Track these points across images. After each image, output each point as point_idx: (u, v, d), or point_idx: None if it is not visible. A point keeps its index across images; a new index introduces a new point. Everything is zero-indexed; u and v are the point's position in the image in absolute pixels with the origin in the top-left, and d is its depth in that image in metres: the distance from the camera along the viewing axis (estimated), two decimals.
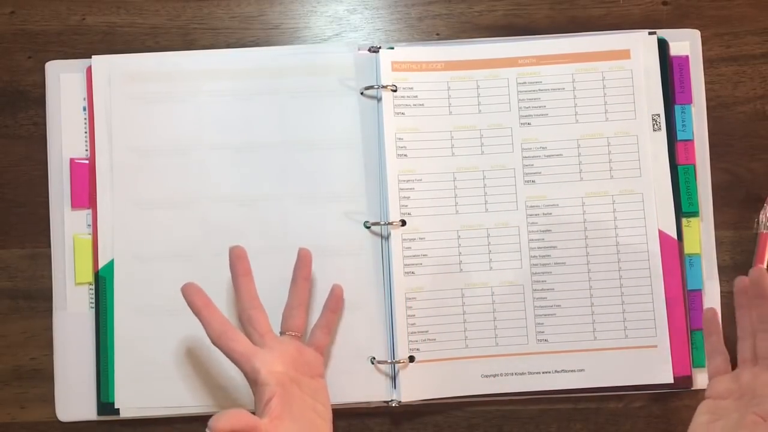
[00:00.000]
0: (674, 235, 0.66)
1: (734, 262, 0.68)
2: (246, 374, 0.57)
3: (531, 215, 0.67)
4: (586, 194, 0.67)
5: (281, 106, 0.67)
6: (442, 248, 0.66)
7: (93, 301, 0.66)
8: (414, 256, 0.65)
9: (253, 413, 0.54)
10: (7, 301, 0.67)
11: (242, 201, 0.66)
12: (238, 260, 0.60)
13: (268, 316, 0.60)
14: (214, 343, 0.57)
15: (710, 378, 0.58)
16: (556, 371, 0.65)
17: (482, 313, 0.66)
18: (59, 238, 0.67)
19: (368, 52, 0.68)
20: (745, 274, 0.67)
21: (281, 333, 0.61)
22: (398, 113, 0.66)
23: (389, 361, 0.65)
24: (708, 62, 0.68)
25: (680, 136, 0.67)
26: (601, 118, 0.67)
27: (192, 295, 0.58)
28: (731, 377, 0.56)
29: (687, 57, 0.68)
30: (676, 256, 0.66)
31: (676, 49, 0.68)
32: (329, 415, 0.59)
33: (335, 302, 0.63)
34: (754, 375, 0.54)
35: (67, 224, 0.67)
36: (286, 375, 0.57)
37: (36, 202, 0.68)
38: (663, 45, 0.68)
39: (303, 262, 0.62)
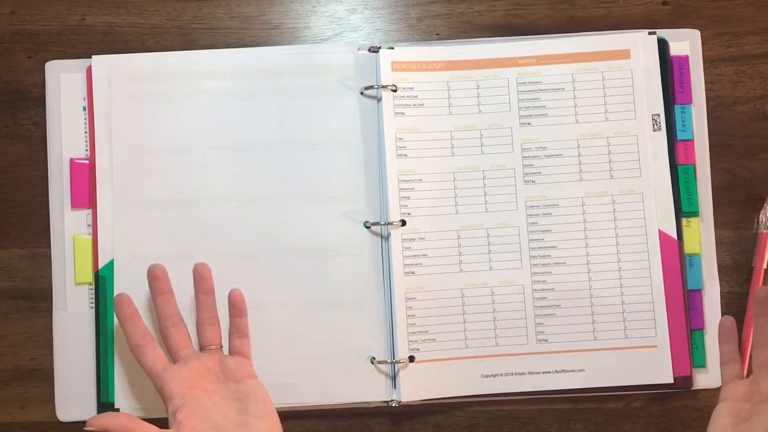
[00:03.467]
0: (674, 235, 0.66)
1: (734, 262, 0.68)
2: (156, 389, 0.59)
3: (531, 215, 0.67)
4: (586, 194, 0.67)
5: (281, 106, 0.67)
6: (442, 248, 0.66)
7: (93, 301, 0.66)
8: (414, 256, 0.65)
9: None
10: (7, 301, 0.67)
11: (242, 201, 0.66)
12: (155, 280, 0.61)
13: (187, 331, 0.62)
14: (132, 354, 0.60)
15: (725, 383, 0.58)
16: (556, 371, 0.65)
17: (482, 313, 0.66)
18: (59, 238, 0.67)
19: (368, 52, 0.68)
20: (746, 274, 0.67)
21: (200, 349, 0.62)
22: (398, 113, 0.66)
23: (389, 361, 0.65)
24: (708, 62, 0.68)
25: (680, 136, 0.67)
26: (601, 118, 0.67)
27: (120, 305, 0.61)
28: (749, 382, 0.57)
29: (687, 57, 0.68)
30: (676, 256, 0.66)
31: (676, 49, 0.68)
32: (268, 411, 0.59)
33: (236, 309, 0.62)
34: None
35: (67, 224, 0.67)
36: (198, 388, 0.59)
37: (36, 202, 0.68)
38: (663, 45, 0.68)
39: (202, 278, 0.62)
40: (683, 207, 0.67)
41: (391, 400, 0.65)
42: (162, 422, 0.66)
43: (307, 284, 0.66)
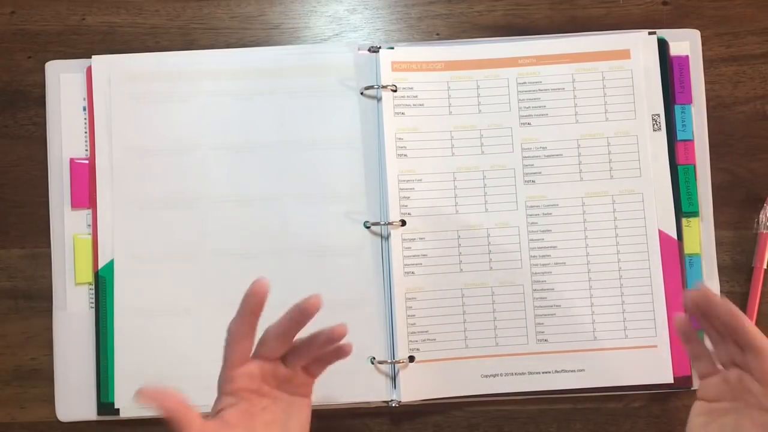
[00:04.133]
0: (674, 235, 0.66)
1: (734, 262, 0.68)
2: (221, 375, 0.55)
3: (531, 215, 0.67)
4: (586, 194, 0.67)
5: (281, 106, 0.67)
6: (442, 248, 0.66)
7: (93, 301, 0.66)
8: (414, 256, 0.65)
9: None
10: (7, 301, 0.67)
11: (242, 201, 0.66)
12: (299, 311, 0.55)
13: (279, 349, 0.56)
14: (227, 333, 0.55)
15: (700, 380, 0.57)
16: (556, 371, 0.65)
17: (482, 313, 0.66)
18: (59, 238, 0.67)
19: (368, 52, 0.68)
20: (746, 274, 0.67)
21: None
22: (398, 113, 0.66)
23: (389, 361, 0.65)
24: (708, 62, 0.68)
25: (680, 136, 0.67)
26: (601, 118, 0.67)
27: (254, 296, 0.54)
28: (720, 379, 0.55)
29: (687, 57, 0.68)
30: (676, 256, 0.66)
31: (676, 49, 0.68)
32: None
33: (328, 338, 0.55)
34: (739, 375, 0.53)
35: (67, 224, 0.67)
36: (257, 391, 0.55)
37: (36, 202, 0.68)
38: (663, 45, 0.68)
39: (307, 312, 0.54)
40: (683, 207, 0.67)
41: (391, 400, 0.65)
42: (160, 422, 0.66)
43: (307, 284, 0.66)
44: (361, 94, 0.67)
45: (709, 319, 0.53)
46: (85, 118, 0.68)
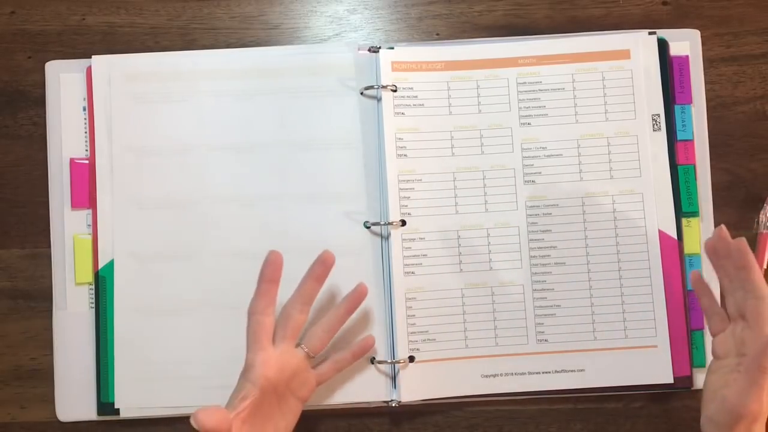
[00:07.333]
0: (674, 235, 0.66)
1: None
2: (245, 360, 0.58)
3: (531, 215, 0.67)
4: (586, 194, 0.67)
5: (281, 106, 0.67)
6: (442, 248, 0.66)
7: (93, 301, 0.66)
8: (414, 256, 0.65)
9: None
10: (7, 301, 0.67)
11: (242, 201, 0.66)
12: (319, 265, 0.60)
13: (305, 324, 0.60)
14: (247, 314, 0.58)
15: (712, 337, 0.58)
16: (556, 371, 0.65)
17: (482, 313, 0.66)
18: (59, 238, 0.67)
19: (368, 52, 0.68)
20: None
21: (297, 344, 0.60)
22: (398, 113, 0.66)
23: (389, 361, 0.65)
24: (708, 62, 0.68)
25: (680, 136, 0.67)
26: (601, 118, 0.67)
27: (268, 265, 0.59)
28: (728, 334, 0.57)
29: (687, 57, 0.68)
30: (676, 256, 0.66)
31: (676, 49, 0.68)
32: None
33: (362, 351, 0.63)
34: (743, 330, 0.56)
35: (67, 224, 0.67)
36: (274, 385, 0.58)
37: (36, 202, 0.68)
38: (663, 45, 0.68)
39: (358, 300, 0.62)
40: (683, 207, 0.67)
41: (391, 400, 0.65)
42: (160, 422, 0.66)
43: None
44: (361, 94, 0.67)
45: (723, 263, 0.56)
46: (85, 118, 0.68)
